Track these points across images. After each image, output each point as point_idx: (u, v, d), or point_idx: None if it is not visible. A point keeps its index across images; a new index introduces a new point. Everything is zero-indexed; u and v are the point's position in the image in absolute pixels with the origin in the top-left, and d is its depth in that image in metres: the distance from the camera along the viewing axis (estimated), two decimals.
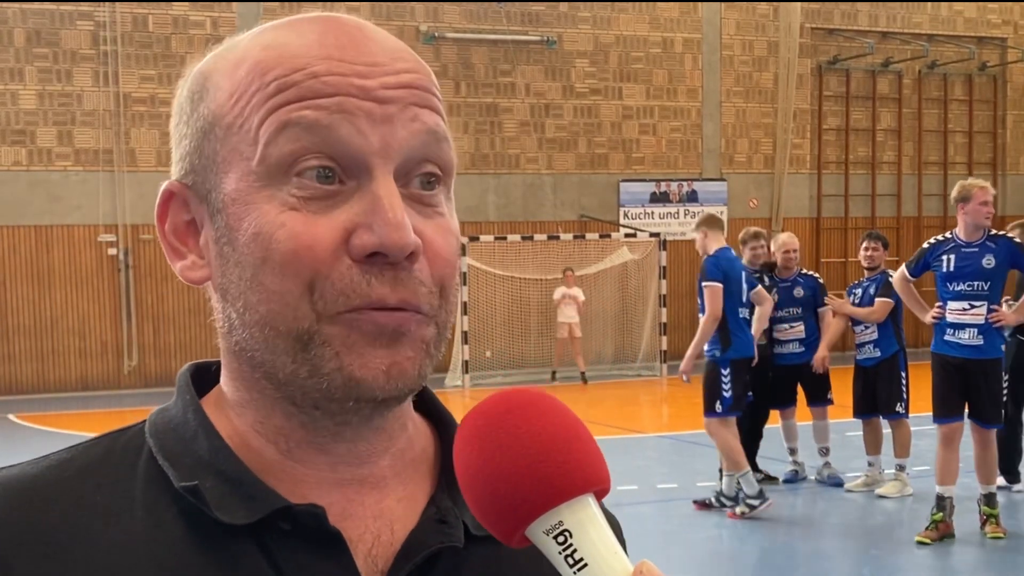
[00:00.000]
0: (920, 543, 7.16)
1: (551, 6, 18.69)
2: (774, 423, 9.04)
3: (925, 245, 7.48)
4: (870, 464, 8.72)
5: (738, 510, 7.81)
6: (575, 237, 17.71)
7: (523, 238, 17.31)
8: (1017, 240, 7.17)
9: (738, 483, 7.84)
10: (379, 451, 0.87)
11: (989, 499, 7.33)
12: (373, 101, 0.81)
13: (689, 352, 7.89)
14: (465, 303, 16.39)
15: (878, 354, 8.55)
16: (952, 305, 7.10)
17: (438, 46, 17.96)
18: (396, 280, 0.80)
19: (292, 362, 0.81)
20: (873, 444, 8.68)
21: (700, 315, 7.86)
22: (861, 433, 8.78)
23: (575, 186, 18.79)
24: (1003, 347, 7.26)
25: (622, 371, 17.71)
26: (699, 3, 19.60)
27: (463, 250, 16.22)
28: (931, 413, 7.27)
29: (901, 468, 8.53)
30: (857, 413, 8.73)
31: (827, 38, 20.70)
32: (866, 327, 8.62)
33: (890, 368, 8.47)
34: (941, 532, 7.22)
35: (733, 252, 8.06)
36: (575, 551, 0.73)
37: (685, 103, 19.64)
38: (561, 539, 0.73)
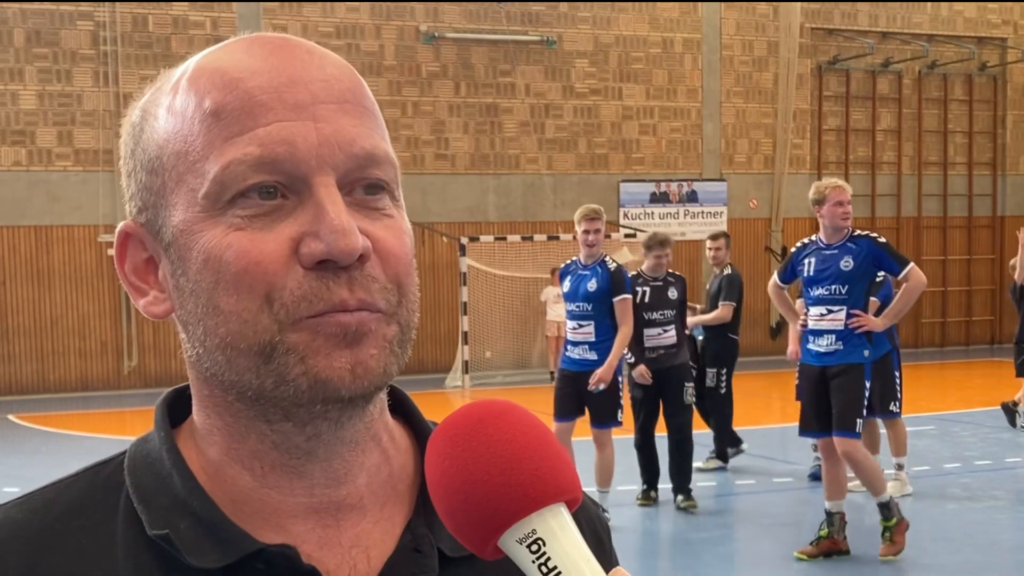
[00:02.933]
0: (798, 559, 6.85)
1: (551, 6, 18.69)
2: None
3: (793, 248, 7.05)
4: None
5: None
6: (575, 237, 17.68)
7: (523, 238, 17.30)
8: (881, 240, 6.78)
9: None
10: (355, 468, 0.87)
11: (882, 510, 6.93)
12: (309, 120, 0.81)
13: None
14: (465, 303, 16.39)
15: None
16: (812, 311, 6.77)
17: (438, 46, 17.96)
18: (351, 281, 0.81)
19: (256, 377, 0.81)
20: (870, 444, 8.67)
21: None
22: None
23: (575, 186, 18.79)
24: (866, 353, 6.72)
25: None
26: (699, 3, 19.60)
27: (463, 250, 16.25)
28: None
29: (900, 467, 8.52)
30: None
31: (827, 38, 20.71)
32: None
33: (883, 368, 8.42)
34: (823, 548, 6.88)
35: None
36: (548, 559, 0.74)
37: (685, 103, 19.64)
38: (534, 547, 0.74)
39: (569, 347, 7.68)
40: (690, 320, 9.02)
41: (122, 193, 0.90)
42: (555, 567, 0.73)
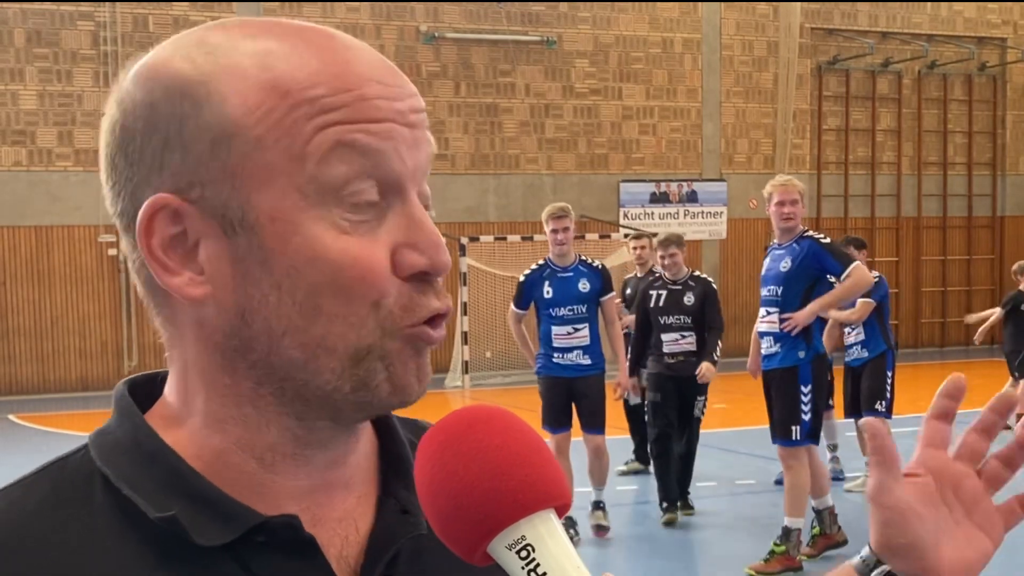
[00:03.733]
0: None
1: (551, 6, 18.69)
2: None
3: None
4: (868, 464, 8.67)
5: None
6: (575, 237, 17.67)
7: (523, 238, 17.30)
8: (824, 240, 6.61)
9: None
10: (350, 452, 0.89)
11: (786, 534, 6.69)
12: (407, 126, 0.83)
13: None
14: (465, 303, 16.38)
15: (866, 354, 8.46)
16: (760, 313, 6.75)
17: (438, 46, 17.96)
18: (436, 291, 0.84)
19: (337, 378, 0.82)
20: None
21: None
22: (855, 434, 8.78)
23: (575, 186, 18.79)
24: (801, 354, 6.51)
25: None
26: (699, 3, 19.60)
27: (463, 250, 16.25)
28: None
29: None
30: (847, 414, 8.69)
31: (827, 38, 20.71)
32: (852, 328, 8.52)
33: (876, 367, 8.40)
34: (784, 564, 6.67)
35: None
36: (538, 565, 0.74)
37: (685, 103, 19.65)
38: (524, 553, 0.74)
39: (557, 354, 7.35)
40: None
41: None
42: (544, 573, 0.73)
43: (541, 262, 7.54)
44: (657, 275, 8.16)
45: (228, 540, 0.81)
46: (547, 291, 7.35)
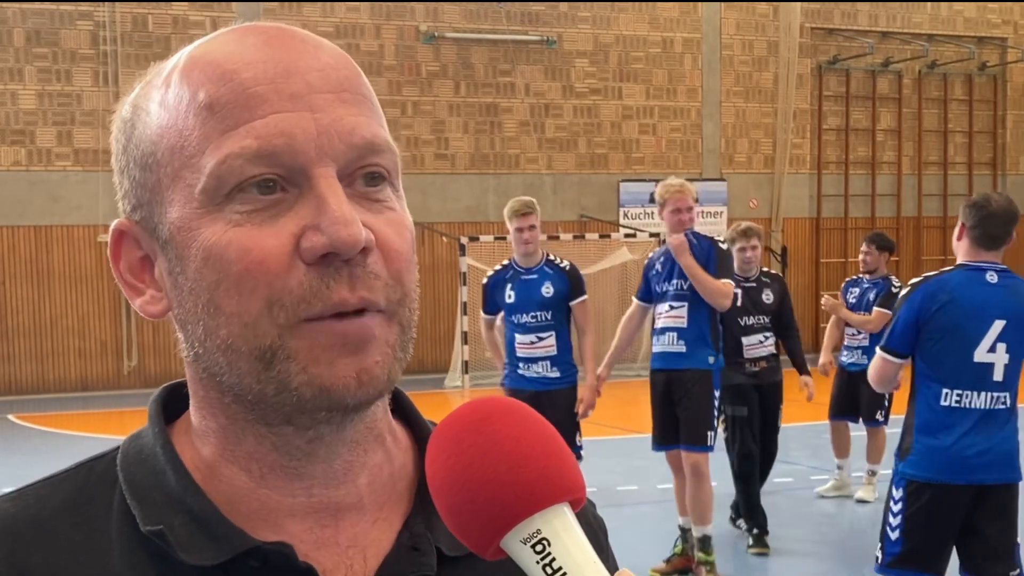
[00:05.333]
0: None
1: (551, 6, 18.69)
2: None
3: None
4: (839, 468, 8.53)
5: None
6: (575, 237, 17.69)
7: None
8: (723, 246, 6.52)
9: None
10: (356, 468, 0.86)
11: (702, 544, 6.42)
12: (306, 110, 0.80)
13: None
14: (465, 303, 16.38)
15: (866, 361, 8.22)
16: (663, 308, 6.41)
17: (438, 46, 17.95)
18: (352, 278, 0.79)
19: (257, 382, 0.80)
20: (842, 447, 8.49)
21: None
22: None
23: (575, 186, 18.80)
24: (711, 360, 6.31)
25: (622, 371, 17.66)
26: (699, 3, 19.60)
27: (463, 250, 16.24)
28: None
29: (873, 473, 8.34)
30: (833, 415, 8.47)
31: (827, 38, 20.70)
32: (857, 332, 8.33)
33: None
34: (675, 567, 6.58)
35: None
36: (553, 560, 0.72)
37: (685, 103, 19.64)
38: (539, 548, 0.72)
39: (522, 364, 6.53)
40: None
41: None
42: (560, 568, 0.72)
43: (505, 262, 6.75)
44: None
45: (217, 562, 0.80)
46: (508, 295, 6.57)
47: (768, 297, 7.40)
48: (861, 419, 8.36)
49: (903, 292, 4.84)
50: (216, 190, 0.79)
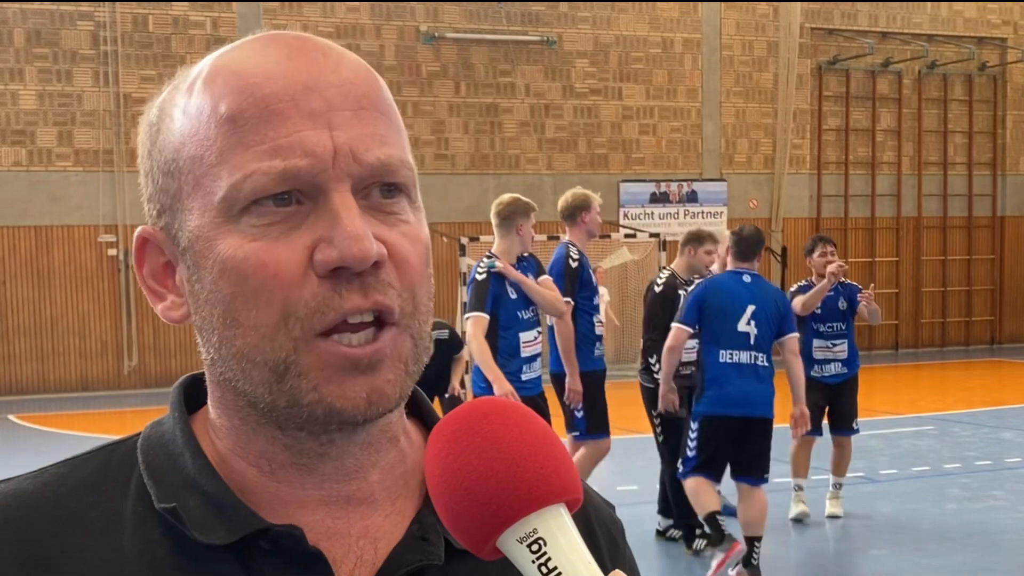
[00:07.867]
0: None
1: (551, 6, 18.69)
2: None
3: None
4: (800, 488, 7.96)
5: None
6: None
7: None
8: (572, 263, 7.50)
9: None
10: (367, 465, 0.88)
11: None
12: (325, 128, 0.81)
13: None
14: (465, 303, 16.37)
15: (845, 371, 8.01)
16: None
17: (438, 46, 17.96)
18: (365, 286, 0.81)
19: (269, 393, 0.82)
20: (804, 466, 7.97)
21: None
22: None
23: (575, 186, 18.77)
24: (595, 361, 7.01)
25: (622, 372, 17.69)
26: (699, 3, 19.60)
27: (463, 250, 16.25)
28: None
29: (838, 487, 8.09)
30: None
31: (827, 38, 20.71)
32: (835, 343, 7.99)
33: (854, 386, 7.99)
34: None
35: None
36: (549, 559, 0.73)
37: (685, 103, 19.64)
38: (535, 547, 0.73)
39: (526, 366, 6.67)
40: None
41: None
42: (555, 567, 0.73)
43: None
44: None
45: (229, 541, 0.82)
46: (511, 292, 6.89)
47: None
48: (830, 431, 8.00)
49: (692, 286, 6.89)
50: (234, 202, 0.81)
